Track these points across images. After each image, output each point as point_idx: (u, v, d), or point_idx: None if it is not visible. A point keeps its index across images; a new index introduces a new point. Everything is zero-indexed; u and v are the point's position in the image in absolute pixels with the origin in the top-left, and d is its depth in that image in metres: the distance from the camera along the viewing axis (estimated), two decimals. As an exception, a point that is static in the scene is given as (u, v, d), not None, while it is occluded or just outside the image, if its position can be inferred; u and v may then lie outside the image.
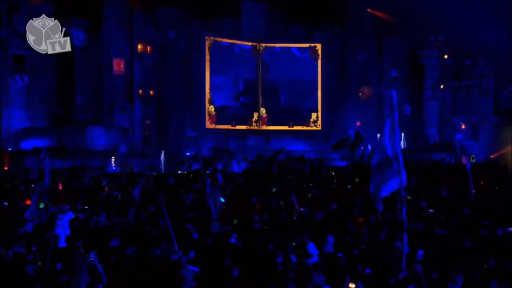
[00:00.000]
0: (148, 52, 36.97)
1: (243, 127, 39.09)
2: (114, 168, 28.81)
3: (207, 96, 38.08)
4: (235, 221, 12.36)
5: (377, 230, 10.39)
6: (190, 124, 37.73)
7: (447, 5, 36.90)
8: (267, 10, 40.47)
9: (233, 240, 9.02)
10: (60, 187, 16.69)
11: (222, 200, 13.61)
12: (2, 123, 32.81)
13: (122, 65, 36.19)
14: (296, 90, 40.42)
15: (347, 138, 26.79)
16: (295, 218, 12.37)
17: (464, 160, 31.61)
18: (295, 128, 39.36)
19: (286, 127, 39.23)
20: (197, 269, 6.68)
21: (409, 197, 15.39)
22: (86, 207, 13.36)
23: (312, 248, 8.40)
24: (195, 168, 29.66)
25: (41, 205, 14.73)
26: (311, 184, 20.43)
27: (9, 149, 31.59)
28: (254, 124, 39.35)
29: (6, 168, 29.34)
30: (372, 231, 10.17)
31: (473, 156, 31.93)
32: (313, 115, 40.20)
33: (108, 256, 7.94)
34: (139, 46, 36.64)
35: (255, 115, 39.55)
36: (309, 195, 16.96)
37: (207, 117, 37.89)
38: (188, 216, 11.46)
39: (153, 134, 37.20)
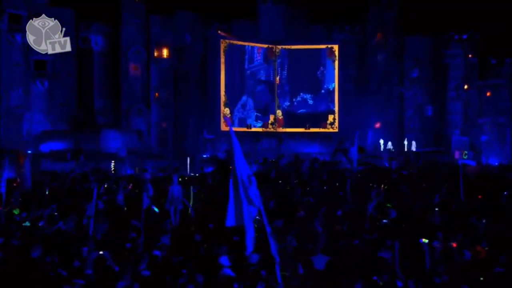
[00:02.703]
0: (165, 56, 37.53)
1: (259, 129, 39.00)
2: (113, 171, 29.24)
3: (222, 99, 38.22)
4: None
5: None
6: (206, 126, 37.98)
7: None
8: (285, 12, 40.21)
9: (156, 252, 9.01)
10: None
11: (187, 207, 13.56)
12: (23, 126, 34.09)
13: (139, 69, 36.91)
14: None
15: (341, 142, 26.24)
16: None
17: (456, 155, 30.50)
18: (312, 130, 38.87)
19: (302, 129, 38.80)
20: (81, 282, 6.70)
21: (388, 205, 14.99)
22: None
23: (224, 260, 8.29)
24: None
25: (16, 211, 15.18)
26: (307, 189, 19.99)
27: (29, 151, 32.69)
28: (270, 126, 39.20)
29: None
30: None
31: (466, 152, 30.63)
32: (330, 117, 39.60)
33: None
34: (156, 50, 37.22)
35: (271, 118, 39.39)
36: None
37: (222, 119, 38.02)
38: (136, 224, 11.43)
39: (169, 137, 37.69)
